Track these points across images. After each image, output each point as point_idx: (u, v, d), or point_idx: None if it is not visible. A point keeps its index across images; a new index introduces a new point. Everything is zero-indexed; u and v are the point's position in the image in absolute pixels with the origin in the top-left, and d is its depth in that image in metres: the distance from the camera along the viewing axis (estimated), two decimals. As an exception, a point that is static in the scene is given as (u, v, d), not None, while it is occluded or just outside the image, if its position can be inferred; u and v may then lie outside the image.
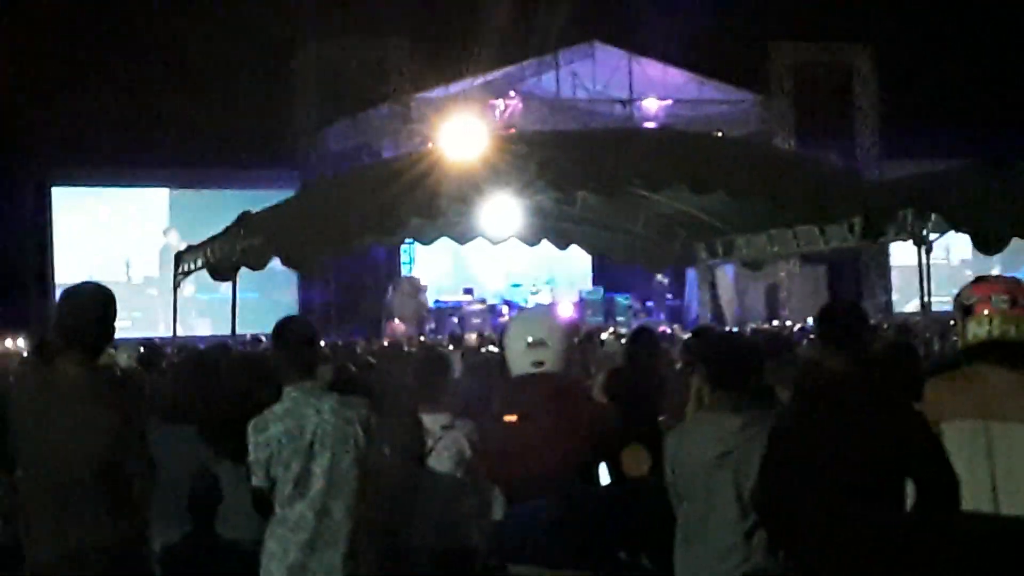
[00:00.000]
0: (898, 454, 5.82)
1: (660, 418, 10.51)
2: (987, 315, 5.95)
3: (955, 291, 6.18)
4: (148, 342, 17.28)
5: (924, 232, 16.24)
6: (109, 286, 6.16)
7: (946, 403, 5.97)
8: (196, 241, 19.57)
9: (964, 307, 6.06)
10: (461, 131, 16.55)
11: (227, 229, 17.71)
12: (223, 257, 17.76)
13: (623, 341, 14.63)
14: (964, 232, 16.73)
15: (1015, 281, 6.15)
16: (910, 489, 5.90)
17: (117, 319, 6.03)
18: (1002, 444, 5.83)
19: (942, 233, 16.67)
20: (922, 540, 5.79)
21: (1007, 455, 5.82)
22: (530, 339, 6.34)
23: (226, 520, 7.05)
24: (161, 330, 27.42)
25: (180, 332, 21.37)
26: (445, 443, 7.77)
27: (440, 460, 7.67)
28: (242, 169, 33.05)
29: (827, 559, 5.85)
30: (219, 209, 26.72)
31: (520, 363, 6.36)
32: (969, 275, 6.62)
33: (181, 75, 33.06)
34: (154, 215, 33.15)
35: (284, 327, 6.87)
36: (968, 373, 6.06)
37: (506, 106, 33.09)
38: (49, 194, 32.86)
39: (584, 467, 6.18)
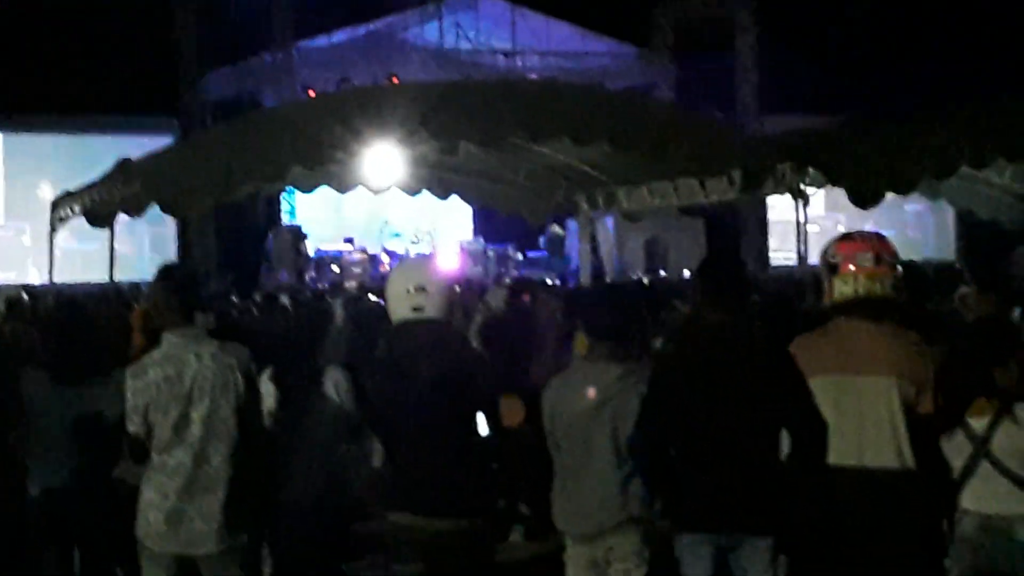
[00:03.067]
0: (773, 404, 5.94)
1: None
2: (852, 272, 6.07)
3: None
4: (17, 289, 17.03)
5: (801, 186, 16.48)
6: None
7: (811, 359, 6.09)
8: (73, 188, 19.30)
9: (830, 264, 6.17)
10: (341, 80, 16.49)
11: (104, 176, 17.50)
12: (101, 204, 17.56)
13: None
14: (840, 187, 16.98)
15: (879, 238, 6.26)
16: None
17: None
18: (866, 396, 5.97)
19: (819, 187, 16.91)
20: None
21: (871, 407, 5.96)
22: (410, 286, 6.34)
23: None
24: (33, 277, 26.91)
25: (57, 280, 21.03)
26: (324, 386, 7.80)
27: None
28: (121, 115, 32.44)
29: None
30: (95, 155, 26.33)
31: (400, 309, 6.36)
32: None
33: (58, 19, 32.41)
34: (28, 161, 32.46)
35: (164, 272, 6.81)
36: (833, 329, 6.19)
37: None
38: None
39: (462, 416, 6.20)
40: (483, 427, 6.25)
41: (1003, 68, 29.43)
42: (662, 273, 28.62)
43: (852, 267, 6.09)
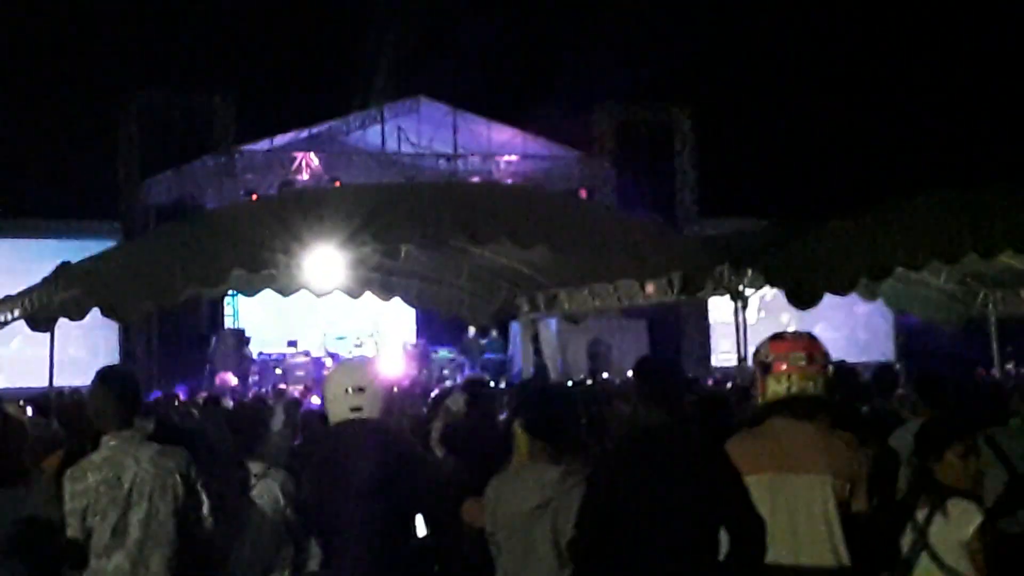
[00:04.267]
0: (712, 503, 5.96)
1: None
2: (785, 371, 6.14)
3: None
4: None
5: (740, 287, 16.61)
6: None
7: (746, 458, 6.13)
8: (13, 292, 19.18)
9: (763, 364, 6.24)
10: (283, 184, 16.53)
11: (45, 279, 17.43)
12: (41, 307, 17.47)
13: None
14: (779, 287, 17.11)
15: (811, 338, 6.34)
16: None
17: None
18: (800, 495, 6.02)
19: (757, 288, 17.05)
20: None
21: (805, 505, 6.00)
22: (349, 386, 6.35)
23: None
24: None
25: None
26: (259, 491, 7.76)
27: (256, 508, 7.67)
28: (62, 219, 32.39)
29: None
30: (36, 259, 26.20)
31: (339, 409, 6.36)
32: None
33: (2, 120, 32.45)
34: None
35: (104, 375, 6.79)
36: (767, 428, 6.24)
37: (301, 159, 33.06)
38: None
39: (400, 517, 6.19)
40: (420, 528, 6.24)
41: (940, 162, 29.94)
42: (605, 375, 28.65)
43: (784, 366, 6.15)
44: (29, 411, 12.83)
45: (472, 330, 30.04)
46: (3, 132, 32.09)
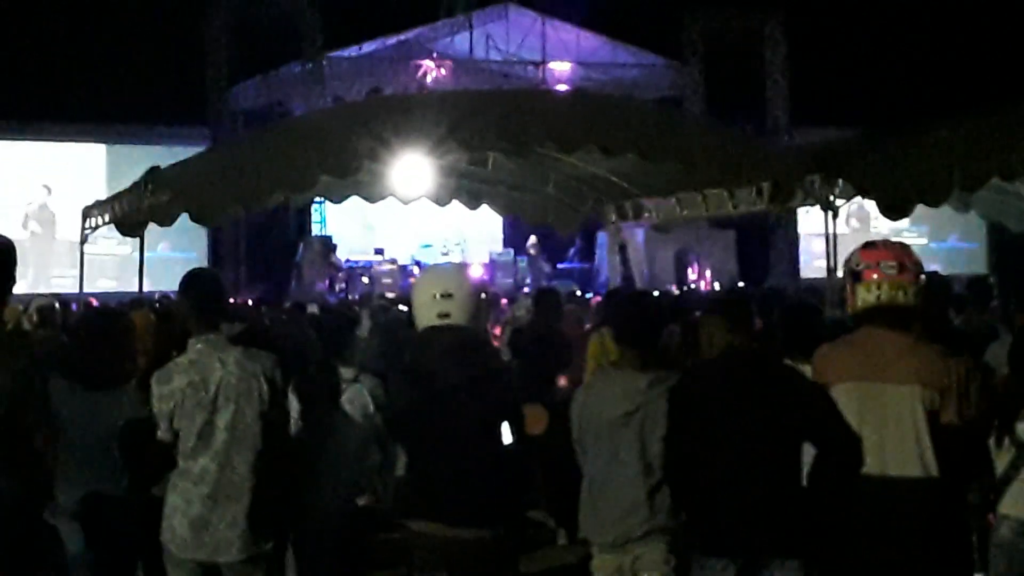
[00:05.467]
0: (793, 419, 5.93)
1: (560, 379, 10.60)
2: (875, 280, 6.04)
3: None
4: (51, 298, 17.05)
5: (831, 197, 16.41)
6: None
7: (834, 366, 6.08)
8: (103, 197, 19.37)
9: (854, 272, 6.15)
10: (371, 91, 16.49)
11: (134, 184, 17.55)
12: (130, 212, 17.61)
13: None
14: (870, 198, 16.91)
15: (902, 246, 6.23)
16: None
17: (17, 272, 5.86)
18: (889, 404, 5.94)
19: (848, 198, 16.84)
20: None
21: (894, 415, 5.92)
22: (436, 292, 6.30)
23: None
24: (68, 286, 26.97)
25: (88, 289, 21.09)
26: (349, 396, 7.78)
27: (345, 413, 7.70)
28: (151, 125, 32.59)
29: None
30: (128, 165, 26.44)
31: (426, 315, 6.31)
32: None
33: (91, 31, 32.59)
34: (61, 170, 32.57)
35: (191, 278, 6.81)
36: (856, 338, 6.16)
37: (427, 69, 33.00)
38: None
39: (486, 424, 6.16)
40: (507, 436, 6.22)
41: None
42: (692, 286, 28.54)
43: (875, 275, 6.06)
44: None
45: (532, 239, 30.11)
46: (93, 38, 32.26)
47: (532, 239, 30.41)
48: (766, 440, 5.95)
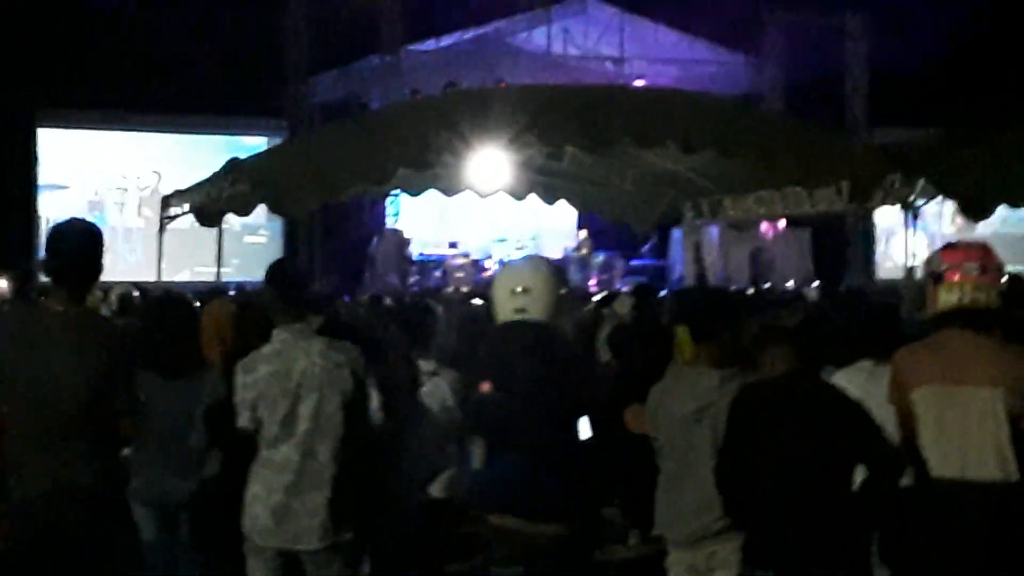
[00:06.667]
0: (843, 443, 5.96)
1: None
2: (958, 282, 6.01)
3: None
4: (129, 285, 17.21)
5: (911, 197, 16.27)
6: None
7: (916, 368, 6.06)
8: (183, 186, 19.51)
9: (935, 274, 6.12)
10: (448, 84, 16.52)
11: (214, 175, 17.68)
12: (209, 202, 17.74)
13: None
14: (951, 198, 16.75)
15: (984, 247, 6.19)
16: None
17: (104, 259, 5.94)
18: (971, 407, 5.91)
19: (929, 199, 16.70)
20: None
21: (975, 418, 5.90)
22: (515, 287, 6.34)
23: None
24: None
25: (166, 277, 21.23)
26: (429, 389, 7.82)
27: (424, 406, 7.74)
28: (230, 115, 32.81)
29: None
30: (206, 154, 26.68)
31: (504, 310, 6.37)
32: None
33: (172, 20, 32.85)
34: (142, 159, 32.87)
35: (276, 269, 6.88)
36: (938, 339, 6.13)
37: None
38: (35, 134, 32.55)
39: (564, 419, 6.18)
40: (585, 431, 6.24)
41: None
42: (767, 284, 28.43)
43: (957, 276, 6.02)
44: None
45: (582, 235, 30.16)
46: (174, 27, 32.52)
47: (583, 234, 30.44)
48: (819, 460, 5.99)
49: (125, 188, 32.55)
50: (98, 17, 31.79)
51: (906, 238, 16.63)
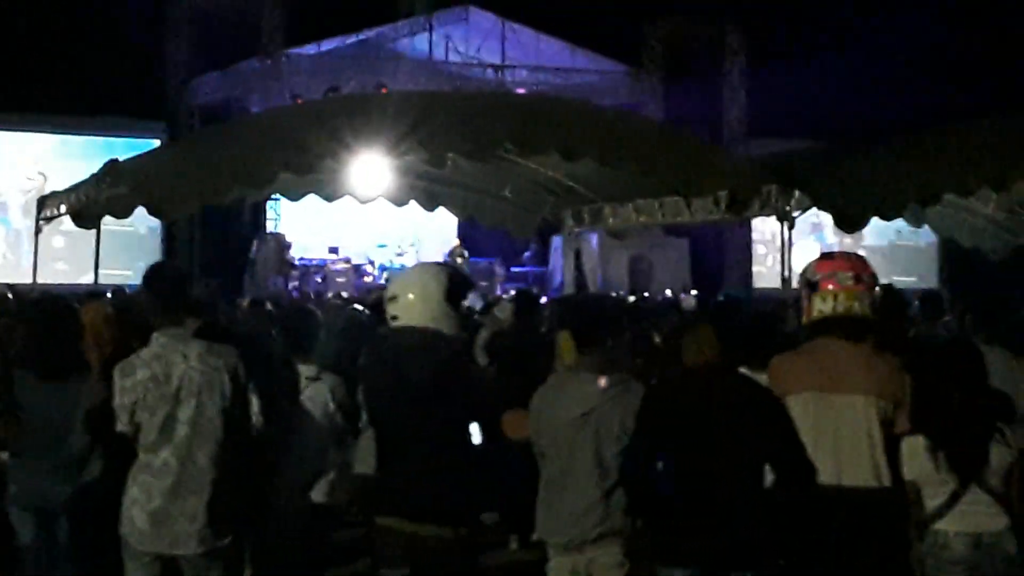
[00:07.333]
0: (759, 441, 6.00)
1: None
2: (832, 291, 6.14)
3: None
4: (3, 287, 16.98)
5: (787, 208, 16.50)
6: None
7: (790, 376, 6.16)
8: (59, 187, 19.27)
9: (810, 283, 6.24)
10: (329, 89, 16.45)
11: (93, 176, 17.48)
12: (88, 204, 17.53)
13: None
14: (824, 210, 17.00)
15: (858, 257, 6.33)
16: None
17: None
18: (844, 414, 6.02)
19: (804, 210, 16.94)
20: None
21: (849, 425, 6.01)
22: (388, 294, 6.40)
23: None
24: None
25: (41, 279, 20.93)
26: (310, 393, 7.80)
27: (305, 411, 7.72)
28: (110, 116, 32.39)
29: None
30: (85, 156, 26.31)
31: (388, 317, 6.41)
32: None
33: (52, 20, 32.40)
34: (26, 160, 32.26)
35: (155, 272, 6.82)
36: (811, 348, 6.25)
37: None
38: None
39: (452, 423, 6.19)
40: (476, 436, 6.26)
41: (994, 89, 29.60)
42: (645, 293, 28.62)
43: (831, 286, 6.15)
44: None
45: (455, 242, 30.29)
46: (54, 28, 32.07)
47: (456, 241, 30.52)
48: (731, 456, 6.02)
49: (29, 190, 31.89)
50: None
51: (782, 249, 16.86)
